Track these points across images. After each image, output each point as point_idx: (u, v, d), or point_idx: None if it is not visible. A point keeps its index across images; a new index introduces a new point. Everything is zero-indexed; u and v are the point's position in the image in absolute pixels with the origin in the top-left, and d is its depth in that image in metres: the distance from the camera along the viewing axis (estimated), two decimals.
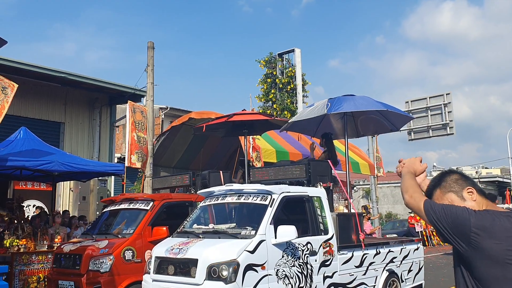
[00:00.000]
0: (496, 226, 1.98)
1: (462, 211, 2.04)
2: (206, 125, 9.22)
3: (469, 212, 2.02)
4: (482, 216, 2.01)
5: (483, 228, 1.97)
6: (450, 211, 2.05)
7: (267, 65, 21.76)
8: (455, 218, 2.02)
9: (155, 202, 7.91)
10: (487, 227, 1.97)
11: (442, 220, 2.05)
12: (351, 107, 7.75)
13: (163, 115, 26.27)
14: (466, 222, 1.99)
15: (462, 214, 2.02)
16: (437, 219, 2.06)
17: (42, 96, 14.99)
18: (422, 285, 8.64)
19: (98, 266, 6.94)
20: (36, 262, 8.49)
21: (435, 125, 21.36)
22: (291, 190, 6.57)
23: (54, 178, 11.65)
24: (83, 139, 16.10)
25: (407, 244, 8.42)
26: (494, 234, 1.96)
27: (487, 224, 1.98)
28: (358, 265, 7.10)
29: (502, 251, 1.94)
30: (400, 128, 9.29)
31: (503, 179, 38.55)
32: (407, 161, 2.48)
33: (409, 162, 2.46)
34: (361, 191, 37.10)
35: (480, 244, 1.96)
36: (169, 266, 5.89)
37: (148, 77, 13.29)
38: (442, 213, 2.06)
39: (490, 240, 1.95)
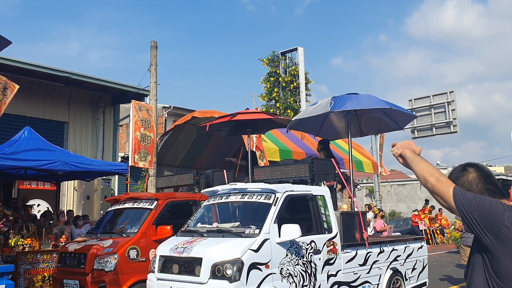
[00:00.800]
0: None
1: (497, 203, 2.03)
2: (209, 124, 9.23)
3: (503, 206, 2.02)
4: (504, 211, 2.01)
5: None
6: (483, 201, 2.03)
7: (270, 64, 21.77)
8: (487, 209, 2.00)
9: (159, 201, 7.93)
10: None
11: (472, 209, 2.02)
12: (354, 105, 7.74)
13: (166, 114, 26.32)
14: (499, 215, 1.99)
15: (497, 207, 2.01)
16: (467, 207, 2.03)
17: (46, 95, 15.04)
18: (426, 284, 8.63)
19: (102, 265, 6.97)
20: (41, 261, 8.54)
21: (439, 123, 21.34)
22: (294, 189, 6.57)
23: (58, 178, 11.69)
24: (87, 138, 16.15)
25: (411, 242, 8.42)
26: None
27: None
28: (362, 264, 7.10)
29: None
30: (404, 127, 9.27)
31: (507, 177, 38.41)
32: (404, 144, 2.38)
33: (407, 144, 2.38)
34: (365, 190, 37.06)
35: (509, 238, 1.96)
36: (173, 265, 5.91)
37: (152, 77, 13.32)
38: (474, 202, 2.03)
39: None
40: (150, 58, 13.43)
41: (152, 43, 13.50)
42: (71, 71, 14.67)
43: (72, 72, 14.69)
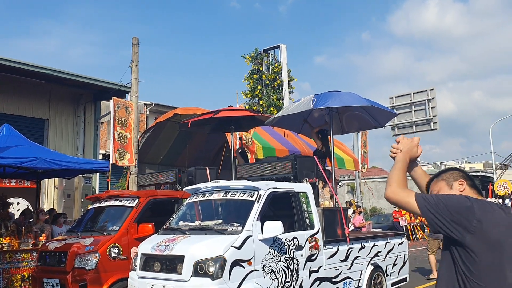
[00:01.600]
0: (496, 213, 2.07)
1: (462, 198, 2.10)
2: (191, 121, 9.20)
3: (469, 199, 2.08)
4: (482, 204, 2.08)
5: (485, 214, 2.04)
6: (448, 200, 2.09)
7: (253, 61, 21.74)
8: (456, 205, 2.06)
9: (141, 199, 7.88)
10: (488, 213, 2.05)
11: (440, 210, 2.07)
12: (336, 102, 7.81)
13: (148, 111, 26.11)
14: (469, 209, 2.05)
15: (464, 202, 2.07)
16: (434, 210, 2.08)
17: (26, 92, 14.80)
18: (406, 279, 8.75)
19: (83, 263, 6.91)
20: (21, 260, 8.41)
21: (419, 120, 21.62)
22: (277, 186, 6.60)
23: (38, 176, 11.53)
24: (67, 136, 15.94)
25: (391, 238, 8.52)
26: (494, 220, 2.04)
27: (489, 210, 2.06)
28: (343, 260, 7.17)
29: (499, 237, 2.02)
30: (384, 124, 9.38)
31: (486, 173, 39.14)
32: (405, 144, 2.44)
33: (408, 146, 2.43)
34: (346, 187, 37.36)
35: (481, 230, 2.03)
36: (155, 263, 5.89)
37: (133, 73, 13.21)
38: (441, 204, 2.08)
39: (491, 226, 2.03)
40: (132, 54, 13.31)
41: (134, 40, 13.39)
42: (52, 68, 14.46)
43: (53, 68, 14.48)
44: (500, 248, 2.01)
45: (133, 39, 13.40)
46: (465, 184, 2.26)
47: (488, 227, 2.02)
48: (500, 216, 2.07)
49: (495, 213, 2.06)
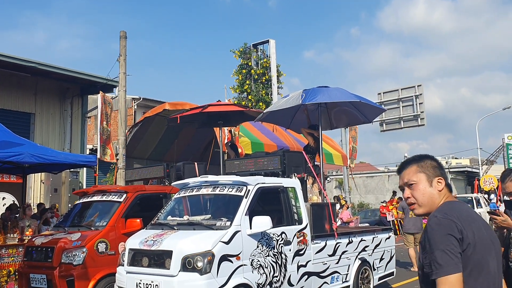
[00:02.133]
0: (462, 218, 2.08)
1: (449, 227, 2.05)
2: (180, 116, 9.15)
3: (453, 229, 2.05)
4: (454, 222, 2.05)
5: (464, 234, 2.04)
6: (445, 242, 2.03)
7: (241, 56, 21.69)
8: (450, 241, 2.03)
9: (129, 194, 7.84)
10: (464, 228, 2.05)
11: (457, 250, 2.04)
12: (325, 98, 7.83)
13: (136, 105, 25.96)
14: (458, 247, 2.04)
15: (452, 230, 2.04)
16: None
17: (12, 86, 14.61)
18: (393, 273, 8.84)
19: (71, 258, 6.86)
20: (6, 255, 8.33)
21: (407, 116, 21.74)
22: (266, 181, 6.61)
23: (24, 170, 11.39)
24: (54, 130, 15.78)
25: (379, 233, 8.59)
26: (467, 226, 2.06)
27: (465, 226, 2.05)
28: (331, 254, 7.21)
29: (472, 237, 2.05)
30: (373, 120, 9.43)
31: (472, 169, 39.57)
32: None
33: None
34: (335, 182, 37.53)
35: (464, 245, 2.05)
36: (143, 258, 5.87)
37: (121, 67, 13.11)
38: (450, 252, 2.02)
39: (469, 234, 2.05)
40: (119, 48, 13.20)
41: (122, 33, 13.27)
42: (38, 61, 14.29)
43: (39, 62, 14.31)
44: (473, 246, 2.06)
45: (121, 33, 13.28)
46: (443, 183, 2.25)
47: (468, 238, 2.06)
48: (468, 217, 2.12)
49: (464, 220, 2.08)
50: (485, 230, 2.14)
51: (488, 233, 2.15)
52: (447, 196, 2.26)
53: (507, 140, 35.17)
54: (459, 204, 2.20)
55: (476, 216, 2.17)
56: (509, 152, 34.80)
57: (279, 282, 6.16)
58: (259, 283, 5.85)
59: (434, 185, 2.25)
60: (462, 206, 2.19)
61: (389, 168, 39.62)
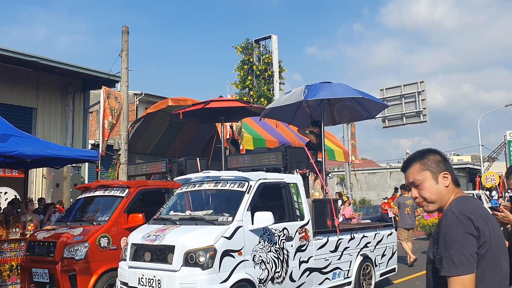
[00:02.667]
0: (479, 214, 2.03)
1: (462, 229, 1.99)
2: (182, 112, 9.14)
3: (471, 235, 2.00)
4: (471, 220, 2.00)
5: (481, 231, 2.01)
6: (464, 241, 1.98)
7: (243, 52, 21.65)
8: (468, 239, 1.98)
9: (131, 189, 7.85)
10: (481, 226, 2.01)
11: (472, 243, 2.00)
12: (328, 94, 7.81)
13: (138, 101, 25.94)
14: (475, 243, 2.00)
15: (467, 230, 1.99)
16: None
17: (14, 81, 14.61)
18: (395, 269, 8.84)
19: (73, 253, 6.87)
20: (9, 250, 8.33)
21: (409, 112, 21.72)
22: (268, 177, 6.61)
23: (26, 165, 11.37)
24: (56, 125, 15.79)
25: (380, 229, 8.59)
26: (483, 223, 2.02)
27: (482, 224, 2.01)
28: (333, 250, 7.21)
29: (488, 234, 2.02)
30: (376, 115, 9.40)
31: (473, 166, 39.52)
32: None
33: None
34: (336, 178, 37.53)
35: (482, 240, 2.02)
36: (145, 253, 5.88)
37: (123, 62, 13.09)
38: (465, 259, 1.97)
39: (485, 231, 2.01)
40: (122, 43, 13.17)
41: (124, 28, 13.24)
42: (40, 56, 14.28)
43: (41, 57, 14.29)
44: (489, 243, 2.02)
45: (123, 28, 13.26)
46: (449, 178, 2.19)
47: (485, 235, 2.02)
48: (482, 214, 2.08)
49: (479, 218, 2.04)
50: (498, 227, 2.11)
51: (500, 230, 2.12)
52: (457, 191, 2.20)
53: (509, 137, 35.09)
54: (473, 200, 2.15)
55: (489, 213, 2.14)
56: (511, 149, 34.74)
57: (281, 278, 6.17)
58: (261, 278, 5.86)
59: (440, 181, 2.19)
60: (476, 202, 2.14)
61: (391, 164, 39.63)
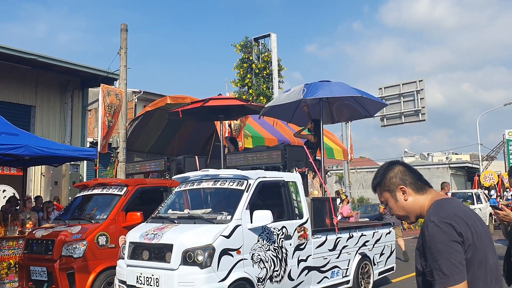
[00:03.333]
0: (458, 217, 2.00)
1: (443, 235, 1.97)
2: (181, 110, 9.13)
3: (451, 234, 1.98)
4: (453, 227, 1.97)
5: (464, 236, 1.98)
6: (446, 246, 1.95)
7: (242, 50, 21.62)
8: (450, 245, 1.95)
9: (129, 187, 7.83)
10: (462, 230, 1.98)
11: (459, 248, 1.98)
12: (327, 93, 7.80)
13: (136, 99, 25.90)
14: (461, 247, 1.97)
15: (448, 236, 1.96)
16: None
17: (12, 78, 14.57)
18: (393, 268, 8.84)
19: (71, 251, 6.87)
20: (7, 248, 8.33)
21: (408, 111, 21.70)
22: (267, 175, 6.60)
23: (25, 163, 11.36)
24: (54, 123, 15.75)
25: (379, 228, 8.59)
26: (464, 226, 1.99)
27: (463, 227, 1.98)
28: (331, 249, 7.21)
29: (471, 237, 1.99)
30: (374, 114, 9.41)
31: (472, 164, 39.55)
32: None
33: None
34: (335, 176, 37.54)
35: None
36: (143, 251, 5.87)
37: (121, 60, 13.06)
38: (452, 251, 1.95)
39: (468, 234, 1.99)
40: (120, 41, 13.14)
41: (122, 26, 13.22)
42: (39, 54, 14.23)
43: (40, 54, 14.25)
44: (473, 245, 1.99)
45: (122, 25, 13.23)
46: (407, 188, 2.17)
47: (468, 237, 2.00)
48: (462, 215, 2.04)
49: (460, 222, 2.00)
50: (480, 225, 2.06)
51: (483, 227, 2.08)
52: (432, 196, 2.17)
53: (507, 136, 35.14)
54: (450, 201, 2.11)
55: (469, 211, 2.09)
56: (510, 148, 34.78)
57: (279, 277, 6.16)
58: (260, 277, 5.85)
59: (398, 197, 2.19)
60: (454, 203, 2.10)
61: None
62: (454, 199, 2.16)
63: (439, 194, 2.21)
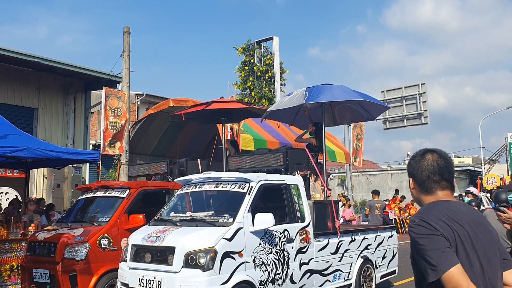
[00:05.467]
0: (438, 218, 2.04)
1: (427, 234, 2.00)
2: (184, 114, 9.14)
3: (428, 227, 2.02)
4: (429, 224, 2.01)
5: (445, 235, 2.00)
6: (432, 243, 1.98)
7: (244, 53, 21.67)
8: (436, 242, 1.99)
9: (132, 189, 7.84)
10: (442, 228, 2.01)
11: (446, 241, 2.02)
12: (329, 97, 7.80)
13: (139, 101, 25.97)
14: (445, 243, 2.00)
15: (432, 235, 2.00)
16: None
17: (15, 81, 14.63)
18: (395, 271, 8.82)
19: (73, 254, 6.88)
20: (9, 250, 8.34)
21: (410, 114, 21.72)
22: (269, 178, 6.60)
23: (27, 165, 11.39)
24: (57, 125, 15.80)
25: (381, 231, 8.57)
26: (444, 226, 2.03)
27: (445, 230, 2.01)
28: (333, 252, 7.20)
29: (452, 236, 2.02)
30: (376, 117, 9.40)
31: (474, 168, 39.47)
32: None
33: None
34: (337, 179, 37.48)
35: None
36: (146, 254, 5.87)
37: (124, 63, 13.10)
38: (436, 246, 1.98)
39: (448, 235, 2.01)
40: (123, 44, 13.18)
41: (125, 29, 13.25)
42: (41, 56, 14.29)
43: (43, 57, 14.31)
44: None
45: (125, 28, 13.27)
46: (412, 181, 2.25)
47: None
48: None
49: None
50: (470, 227, 2.05)
51: (476, 230, 2.06)
52: (435, 198, 2.19)
53: (510, 139, 35.06)
54: (441, 205, 2.11)
55: (460, 215, 2.07)
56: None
57: (281, 280, 6.16)
58: (261, 280, 5.85)
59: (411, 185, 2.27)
60: (443, 207, 2.09)
61: (392, 166, 39.57)
62: (449, 203, 2.13)
63: (441, 196, 2.20)
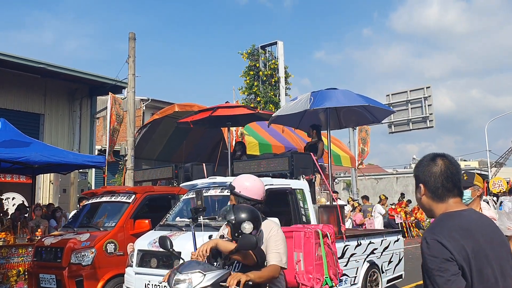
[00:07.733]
0: (451, 240, 2.01)
1: (435, 254, 1.99)
2: (191, 120, 9.16)
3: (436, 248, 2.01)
4: (443, 245, 1.99)
5: (456, 256, 1.99)
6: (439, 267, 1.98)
7: (249, 57, 21.73)
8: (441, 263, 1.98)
9: (137, 195, 7.86)
10: (453, 249, 1.99)
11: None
12: (333, 103, 7.81)
13: (144, 106, 26.05)
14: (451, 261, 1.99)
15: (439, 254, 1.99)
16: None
17: (21, 87, 14.73)
18: (402, 276, 8.78)
19: (80, 259, 6.90)
20: (16, 255, 8.38)
21: (415, 118, 21.67)
22: (274, 182, 6.59)
23: (33, 171, 11.46)
24: (63, 131, 15.89)
25: (387, 235, 8.54)
26: (457, 245, 2.01)
27: (455, 247, 2.00)
28: (339, 257, 7.16)
29: (466, 255, 2.00)
30: (382, 120, 9.40)
31: (480, 171, 39.29)
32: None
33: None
34: (343, 183, 37.39)
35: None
36: (152, 259, 5.88)
37: (130, 69, 13.17)
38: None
39: (459, 255, 2.00)
40: (128, 50, 13.26)
41: (130, 35, 13.34)
42: (47, 62, 14.39)
43: (48, 63, 14.41)
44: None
45: (130, 34, 13.35)
46: (422, 188, 2.23)
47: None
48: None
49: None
50: (483, 237, 2.04)
51: (489, 239, 2.05)
52: (446, 206, 2.16)
53: None
54: (453, 216, 2.09)
55: (473, 226, 2.06)
56: None
57: None
58: None
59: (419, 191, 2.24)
60: (457, 219, 2.08)
61: (398, 170, 39.44)
62: (461, 214, 2.11)
63: (452, 205, 2.16)
